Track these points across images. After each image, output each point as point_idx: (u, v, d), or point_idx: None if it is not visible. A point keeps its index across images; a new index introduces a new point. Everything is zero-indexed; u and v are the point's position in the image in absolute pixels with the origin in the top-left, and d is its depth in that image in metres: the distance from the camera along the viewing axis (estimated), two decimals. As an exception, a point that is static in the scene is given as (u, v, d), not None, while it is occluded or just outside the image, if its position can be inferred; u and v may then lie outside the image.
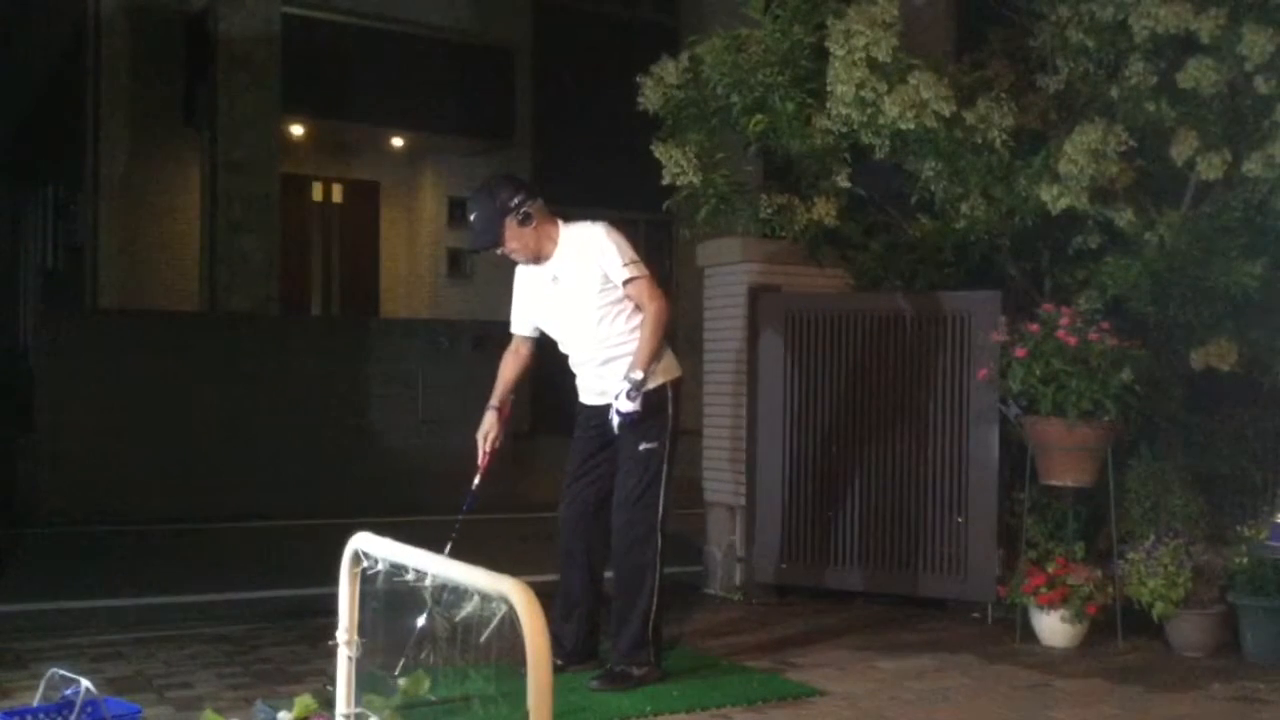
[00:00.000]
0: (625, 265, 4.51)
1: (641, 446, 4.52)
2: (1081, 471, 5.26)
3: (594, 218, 4.69)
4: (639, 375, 4.43)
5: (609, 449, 4.62)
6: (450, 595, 2.67)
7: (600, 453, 4.65)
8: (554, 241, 4.61)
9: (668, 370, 4.61)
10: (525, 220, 4.54)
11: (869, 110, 5.43)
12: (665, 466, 4.54)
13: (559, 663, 4.17)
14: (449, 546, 4.21)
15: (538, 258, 4.63)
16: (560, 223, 4.65)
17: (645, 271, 4.56)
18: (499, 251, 4.64)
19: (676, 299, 13.72)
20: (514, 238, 4.56)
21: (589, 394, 4.70)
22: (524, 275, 4.79)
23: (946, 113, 5.34)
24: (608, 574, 4.74)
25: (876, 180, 6.23)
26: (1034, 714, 4.29)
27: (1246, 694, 4.58)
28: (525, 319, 4.81)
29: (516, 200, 4.53)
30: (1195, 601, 5.12)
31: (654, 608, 4.52)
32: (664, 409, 4.56)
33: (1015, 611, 5.40)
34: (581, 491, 4.71)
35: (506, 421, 4.75)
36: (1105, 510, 5.37)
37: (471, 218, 4.65)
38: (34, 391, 9.89)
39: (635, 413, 4.42)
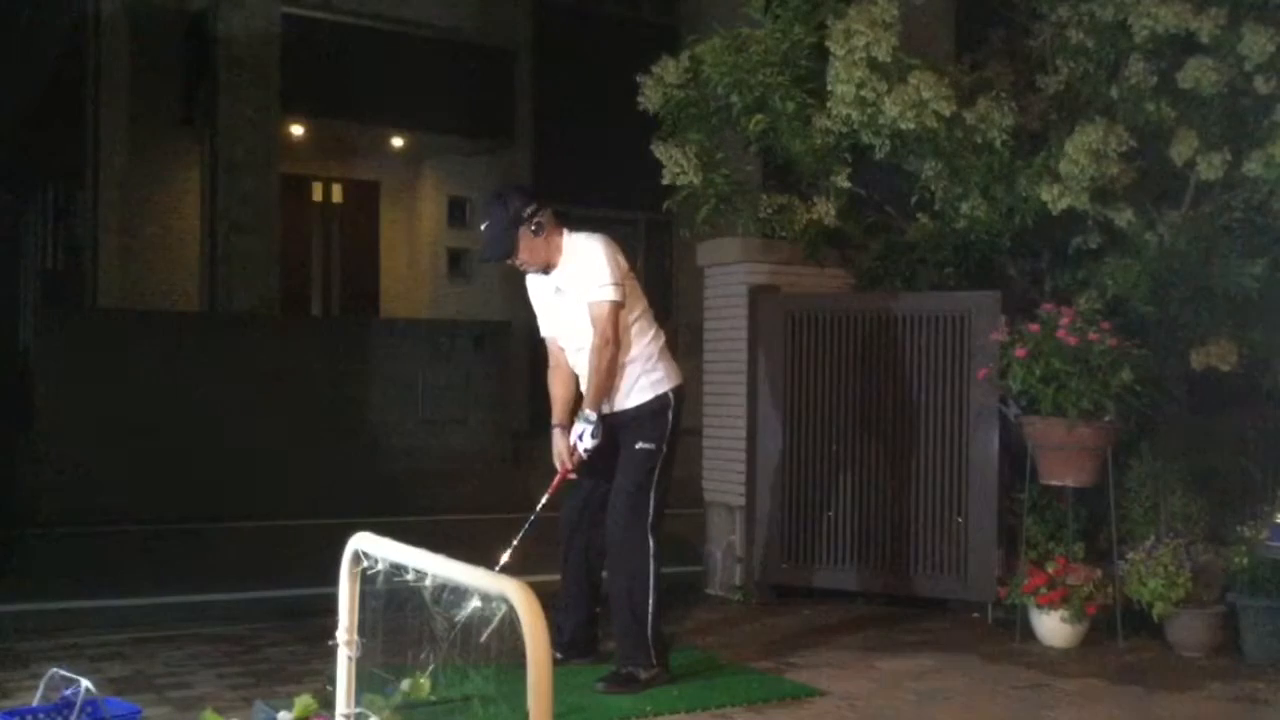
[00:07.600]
0: (602, 285, 4.48)
1: (639, 445, 4.56)
2: (1081, 471, 5.26)
3: (595, 217, 4.67)
4: (592, 415, 4.48)
5: (616, 454, 4.61)
6: (450, 595, 2.66)
7: (607, 457, 4.63)
8: (560, 251, 4.61)
9: (670, 377, 4.65)
10: (538, 230, 4.54)
11: (869, 110, 5.43)
12: (658, 469, 4.56)
13: (558, 655, 4.17)
14: (508, 552, 4.34)
15: (546, 267, 4.64)
16: (565, 231, 4.64)
17: (616, 298, 4.47)
18: (510, 262, 4.64)
19: (677, 299, 13.75)
20: (526, 248, 4.56)
21: None
22: (533, 284, 4.79)
23: (946, 113, 5.34)
24: (605, 573, 4.74)
25: (876, 180, 6.23)
26: (1034, 714, 4.29)
27: (1246, 694, 4.58)
28: (546, 324, 4.80)
29: (530, 210, 4.53)
30: (1195, 601, 5.12)
31: (652, 609, 4.51)
32: (664, 413, 4.60)
33: (1015, 612, 5.40)
34: (586, 493, 4.72)
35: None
36: (1105, 510, 5.37)
37: (483, 228, 4.64)
38: (34, 391, 9.89)
39: (597, 445, 4.49)
